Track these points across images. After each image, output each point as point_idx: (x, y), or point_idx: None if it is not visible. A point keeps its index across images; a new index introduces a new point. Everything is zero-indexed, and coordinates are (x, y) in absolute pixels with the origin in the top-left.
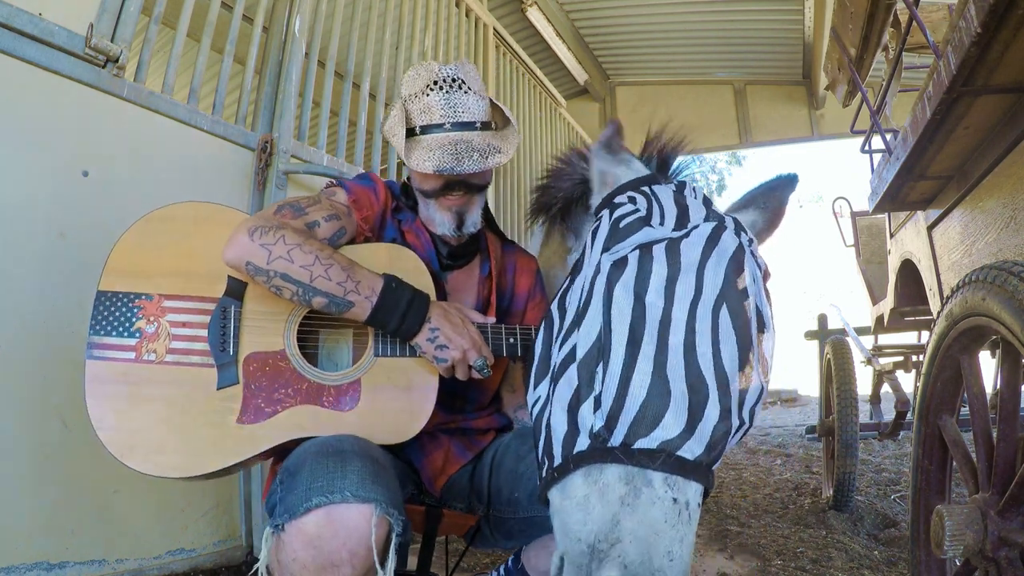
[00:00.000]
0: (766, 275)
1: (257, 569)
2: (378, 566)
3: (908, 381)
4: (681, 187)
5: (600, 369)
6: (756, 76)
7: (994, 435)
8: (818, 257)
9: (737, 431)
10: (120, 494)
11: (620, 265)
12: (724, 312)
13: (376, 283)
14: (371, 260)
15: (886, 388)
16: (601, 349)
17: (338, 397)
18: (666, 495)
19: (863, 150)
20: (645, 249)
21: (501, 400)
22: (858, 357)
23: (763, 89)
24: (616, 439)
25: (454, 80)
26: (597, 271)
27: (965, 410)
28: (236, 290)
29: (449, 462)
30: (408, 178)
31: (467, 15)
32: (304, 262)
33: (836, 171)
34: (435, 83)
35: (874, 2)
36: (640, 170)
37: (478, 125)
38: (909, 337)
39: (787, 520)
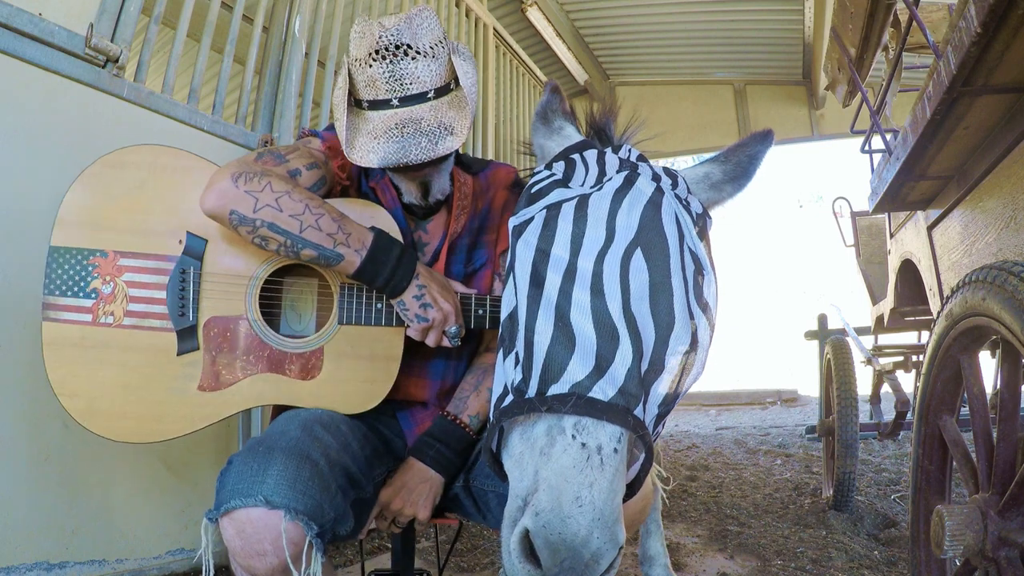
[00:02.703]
0: (702, 219)
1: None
2: (291, 566)
3: (908, 381)
4: (616, 149)
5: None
6: (756, 76)
7: (994, 435)
8: (818, 257)
9: (666, 373)
10: (120, 494)
11: (524, 225)
12: (638, 256)
13: (366, 237)
14: (347, 213)
15: (886, 388)
16: (516, 307)
17: (300, 366)
18: (575, 441)
19: (863, 150)
20: (553, 208)
21: None
22: (858, 357)
23: (763, 89)
24: (532, 390)
25: (398, 47)
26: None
27: (965, 410)
28: (195, 249)
29: None
30: None
31: (467, 15)
32: (294, 211)
33: (836, 171)
34: (376, 52)
35: (874, 2)
36: (573, 136)
37: (430, 95)
38: (909, 337)
39: (787, 520)
